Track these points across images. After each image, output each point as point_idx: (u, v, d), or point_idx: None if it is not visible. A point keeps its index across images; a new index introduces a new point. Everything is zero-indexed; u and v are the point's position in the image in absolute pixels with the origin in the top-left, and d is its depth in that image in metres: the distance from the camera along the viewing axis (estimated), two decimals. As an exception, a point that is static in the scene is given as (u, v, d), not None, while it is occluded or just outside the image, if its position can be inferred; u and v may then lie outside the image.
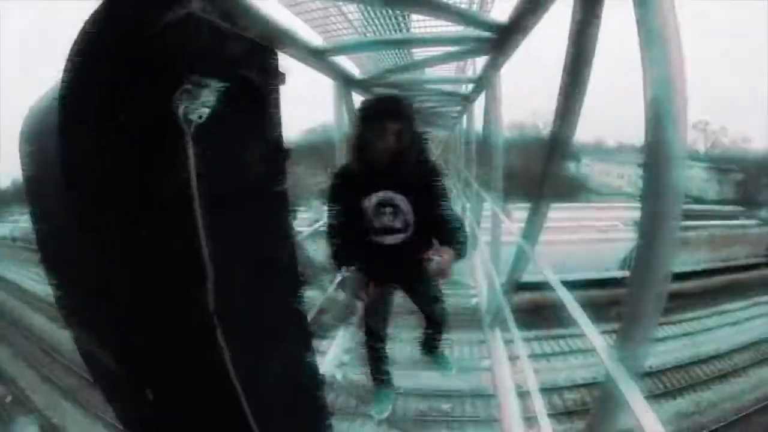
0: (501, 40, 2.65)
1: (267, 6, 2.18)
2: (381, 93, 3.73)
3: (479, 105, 5.42)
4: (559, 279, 2.01)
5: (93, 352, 0.97)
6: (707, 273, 21.73)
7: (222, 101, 0.93)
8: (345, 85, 4.19)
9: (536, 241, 2.66)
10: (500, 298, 3.30)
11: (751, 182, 37.79)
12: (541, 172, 2.31)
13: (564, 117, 1.92)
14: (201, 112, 0.89)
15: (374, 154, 2.19)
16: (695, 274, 20.76)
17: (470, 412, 3.47)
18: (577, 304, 1.83)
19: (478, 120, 6.59)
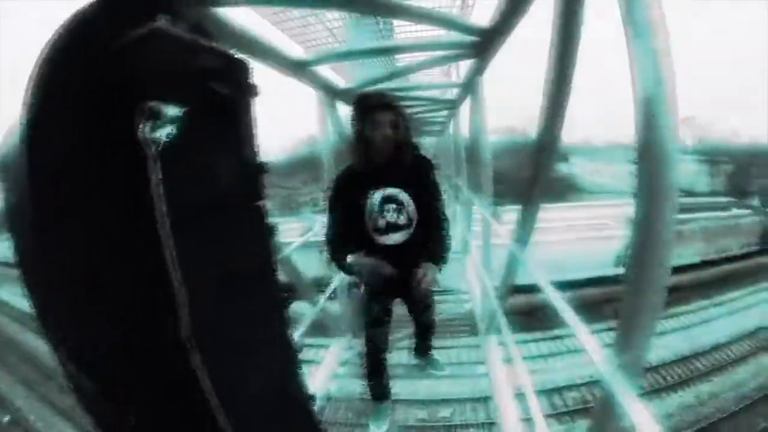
0: (483, 43, 2.64)
1: (245, 18, 2.15)
2: (366, 90, 3.61)
3: (466, 109, 5.43)
4: (554, 280, 2.00)
5: (73, 374, 0.93)
6: (702, 265, 21.91)
7: (190, 117, 0.90)
8: (329, 96, 4.16)
9: (528, 244, 2.63)
10: (494, 303, 3.26)
11: (741, 172, 38.23)
12: (530, 175, 2.29)
13: (550, 118, 1.90)
14: (166, 131, 0.85)
15: (375, 148, 2.28)
16: (690, 267, 20.92)
17: (470, 417, 3.48)
18: (571, 310, 1.81)
19: (466, 124, 6.62)
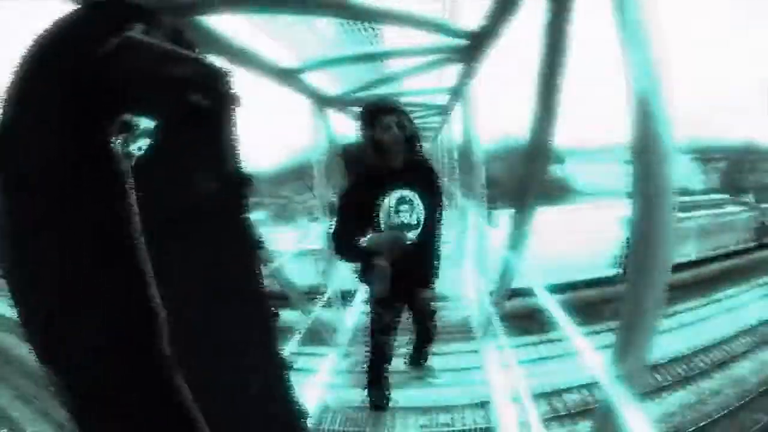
0: (472, 47, 2.62)
1: (233, 27, 2.13)
2: (368, 99, 3.78)
3: (457, 112, 5.42)
4: (551, 283, 1.99)
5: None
6: (699, 263, 21.99)
7: (167, 129, 0.86)
8: (320, 104, 4.15)
9: (523, 248, 2.60)
10: (490, 309, 3.24)
11: (735, 169, 38.50)
12: (523, 179, 2.27)
13: (541, 121, 1.88)
14: (139, 145, 0.82)
15: (386, 148, 2.44)
16: (687, 265, 20.98)
17: (470, 423, 3.45)
18: (567, 317, 1.79)
19: (458, 129, 6.61)
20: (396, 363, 3.66)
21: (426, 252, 2.72)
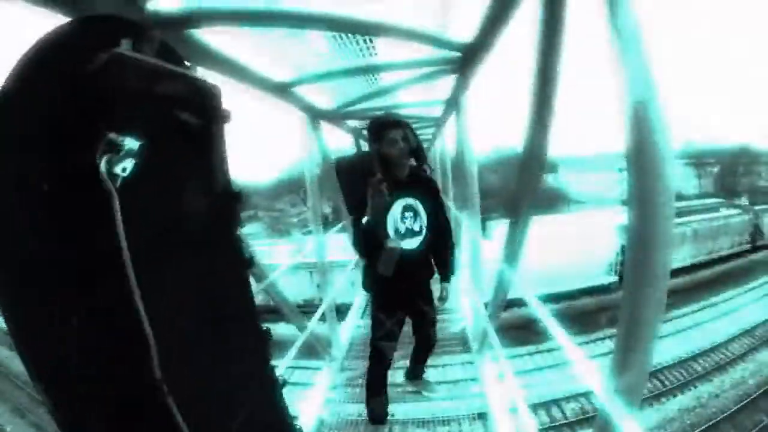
0: (466, 59, 2.62)
1: (226, 41, 2.11)
2: (374, 115, 4.03)
3: (452, 126, 5.42)
4: (547, 293, 2.00)
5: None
6: (695, 267, 22.09)
7: (155, 147, 0.85)
8: (314, 117, 4.14)
9: (518, 259, 2.58)
10: (486, 321, 3.22)
11: (729, 172, 38.75)
12: (518, 190, 2.26)
13: (536, 131, 1.86)
14: (126, 165, 0.79)
15: (392, 160, 2.65)
16: (683, 270, 21.08)
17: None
18: (563, 332, 1.77)
19: (452, 141, 6.62)
20: (393, 377, 3.66)
21: (430, 256, 2.95)
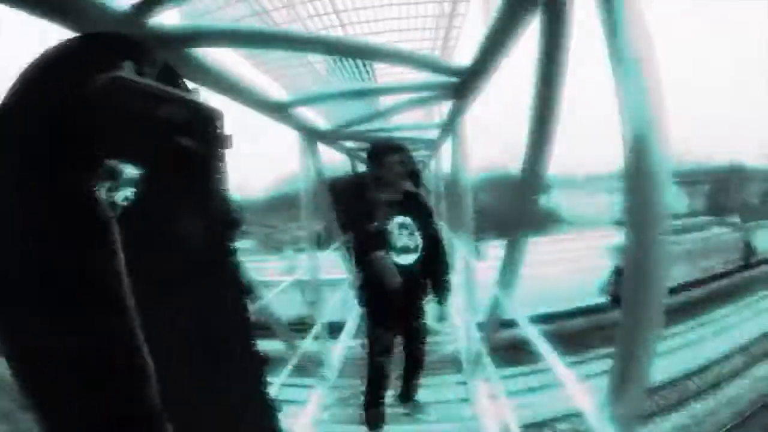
0: (464, 85, 2.64)
1: (225, 60, 2.12)
2: (377, 139, 4.31)
3: (447, 149, 5.47)
4: (539, 313, 2.01)
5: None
6: (687, 286, 22.16)
7: (155, 174, 0.83)
8: (310, 137, 4.15)
9: (514, 282, 2.57)
10: (478, 342, 3.21)
11: (720, 190, 39.00)
12: (515, 212, 2.25)
13: (534, 154, 1.86)
14: (124, 193, 0.78)
15: (389, 183, 2.82)
16: (675, 290, 21.16)
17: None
18: (557, 358, 1.76)
19: (447, 164, 6.65)
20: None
21: (424, 274, 3.02)
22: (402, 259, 2.87)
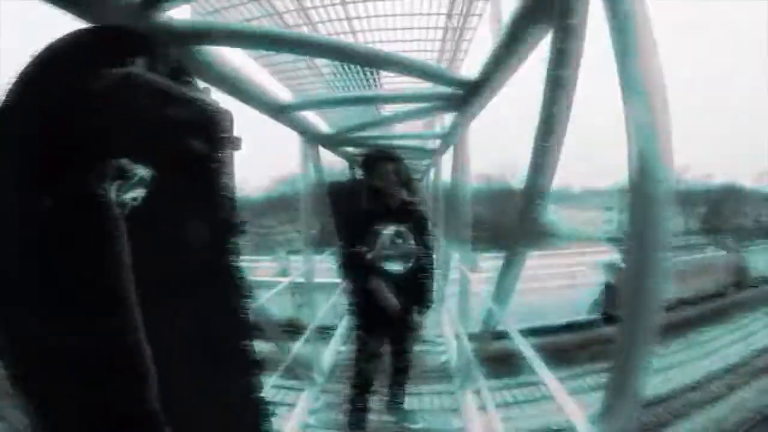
0: (469, 97, 2.64)
1: (232, 58, 2.11)
2: (372, 148, 4.23)
3: (447, 158, 5.48)
4: (528, 327, 2.02)
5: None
6: (678, 305, 22.24)
7: (162, 175, 0.82)
8: (312, 141, 4.15)
9: (510, 295, 2.56)
10: (469, 353, 3.20)
11: (715, 212, 39.15)
12: (517, 225, 2.24)
13: (538, 169, 1.86)
14: (136, 193, 0.77)
15: (382, 192, 2.81)
16: (667, 309, 21.17)
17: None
18: (552, 375, 1.76)
19: (446, 173, 6.67)
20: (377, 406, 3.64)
21: (415, 283, 2.99)
22: (393, 269, 2.88)
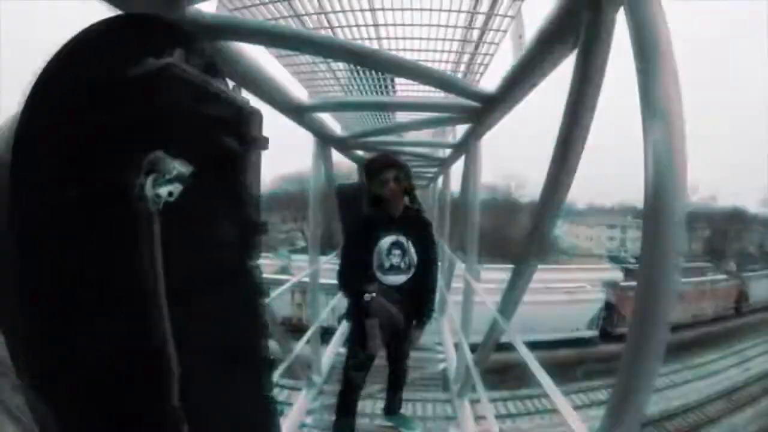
0: (486, 110, 2.64)
1: (256, 56, 2.12)
2: (376, 153, 4.18)
3: (455, 167, 5.50)
4: (526, 340, 2.03)
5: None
6: (677, 328, 22.15)
7: (194, 171, 0.81)
8: (325, 142, 4.16)
9: (516, 307, 2.55)
10: (469, 362, 3.19)
11: (719, 236, 39.01)
12: (529, 238, 2.23)
13: (555, 186, 1.86)
14: (171, 189, 0.75)
15: (382, 199, 2.75)
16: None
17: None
18: (556, 388, 1.76)
19: (454, 182, 6.69)
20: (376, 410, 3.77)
21: (414, 296, 2.92)
22: (390, 280, 2.83)
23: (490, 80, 2.51)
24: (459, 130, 4.55)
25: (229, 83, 1.06)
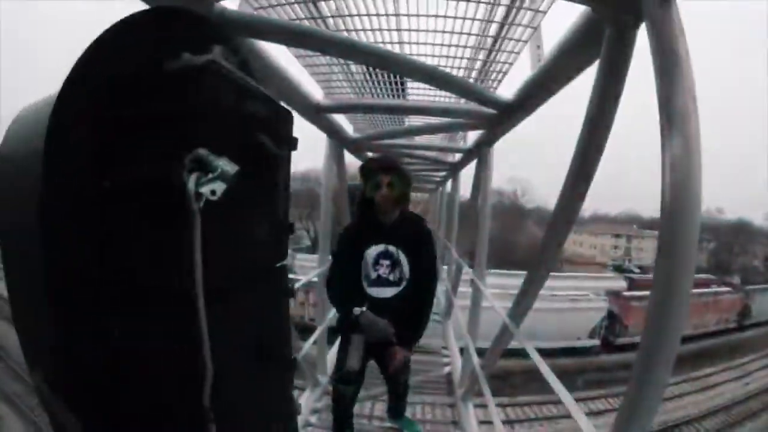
0: (502, 117, 2.65)
1: (278, 56, 2.14)
2: (375, 154, 4.10)
3: (465, 172, 5.50)
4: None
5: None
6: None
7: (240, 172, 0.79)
8: (338, 143, 4.18)
9: (526, 313, 2.55)
10: (477, 370, 3.19)
11: (724, 249, 38.75)
12: (542, 245, 2.23)
13: (571, 196, 1.87)
14: (214, 187, 0.74)
15: (375, 205, 2.49)
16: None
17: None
18: (569, 394, 1.77)
19: (463, 186, 6.69)
20: (378, 412, 3.77)
21: (405, 311, 2.57)
22: (376, 292, 2.56)
23: (503, 88, 2.56)
24: (469, 135, 4.58)
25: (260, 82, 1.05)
